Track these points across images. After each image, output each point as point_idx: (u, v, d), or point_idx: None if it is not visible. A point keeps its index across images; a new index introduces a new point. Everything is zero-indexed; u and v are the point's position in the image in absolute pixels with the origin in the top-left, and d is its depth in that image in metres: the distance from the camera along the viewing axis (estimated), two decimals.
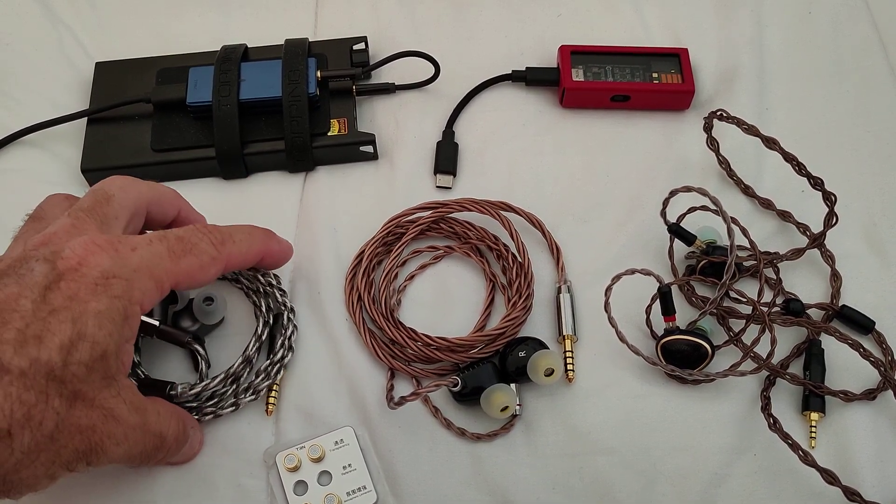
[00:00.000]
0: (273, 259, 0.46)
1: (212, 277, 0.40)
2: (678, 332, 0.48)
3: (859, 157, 0.59)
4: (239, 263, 0.42)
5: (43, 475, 0.34)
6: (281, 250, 0.46)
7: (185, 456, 0.44)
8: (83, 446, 0.34)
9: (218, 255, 0.40)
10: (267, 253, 0.45)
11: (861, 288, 0.53)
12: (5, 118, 0.59)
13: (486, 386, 0.47)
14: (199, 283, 0.40)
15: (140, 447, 0.38)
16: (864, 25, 0.64)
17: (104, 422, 0.35)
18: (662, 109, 0.61)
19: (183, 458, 0.44)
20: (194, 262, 0.39)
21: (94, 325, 0.34)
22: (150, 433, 0.38)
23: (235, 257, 0.41)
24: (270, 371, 0.49)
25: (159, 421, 0.39)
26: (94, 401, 0.34)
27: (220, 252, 0.40)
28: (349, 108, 0.59)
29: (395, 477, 0.48)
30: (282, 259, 0.47)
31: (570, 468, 0.48)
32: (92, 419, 0.34)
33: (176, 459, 0.43)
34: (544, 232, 0.55)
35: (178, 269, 0.38)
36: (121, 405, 0.36)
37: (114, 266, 0.35)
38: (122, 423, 0.36)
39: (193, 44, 0.62)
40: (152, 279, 0.37)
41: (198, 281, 0.40)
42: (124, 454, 0.37)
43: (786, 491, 0.47)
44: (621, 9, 0.66)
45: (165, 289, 0.38)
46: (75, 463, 0.35)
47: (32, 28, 0.64)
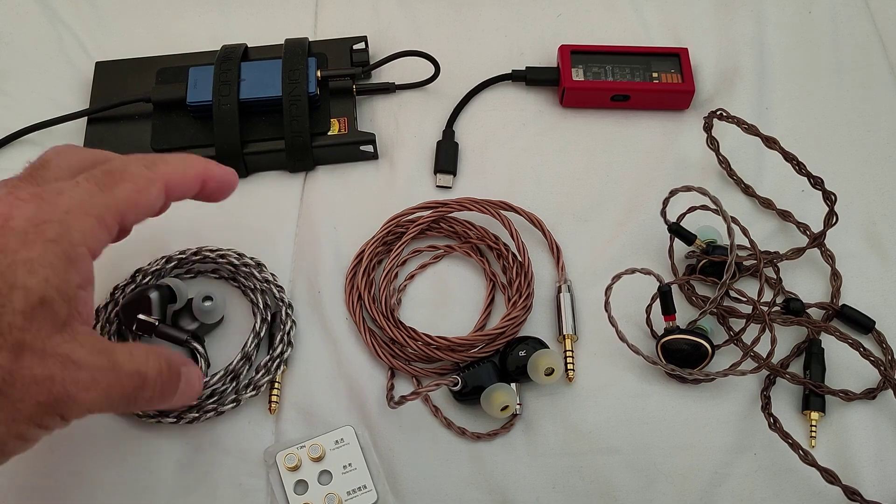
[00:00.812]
0: (216, 183, 0.42)
1: (155, 202, 0.38)
2: (678, 331, 0.48)
3: (859, 157, 0.59)
4: (180, 186, 0.40)
5: (8, 435, 0.33)
6: (223, 173, 0.42)
7: (187, 396, 0.40)
8: (45, 398, 0.33)
9: (152, 175, 0.38)
10: (208, 176, 0.41)
11: (861, 287, 0.53)
12: (5, 118, 0.59)
13: (486, 385, 0.47)
14: (144, 210, 0.38)
15: (118, 390, 0.35)
16: (864, 25, 0.65)
17: (63, 369, 0.33)
18: (662, 109, 0.61)
19: (185, 399, 0.40)
20: (129, 187, 0.37)
21: (25, 272, 0.32)
22: (125, 374, 0.36)
23: (173, 177, 0.39)
24: (270, 366, 0.49)
25: (133, 360, 0.36)
26: (45, 349, 0.33)
27: (154, 172, 0.38)
28: (349, 107, 0.59)
29: (396, 476, 0.48)
30: (226, 184, 0.43)
31: (570, 467, 0.48)
32: (47, 368, 0.33)
33: (177, 401, 0.40)
34: (544, 231, 0.55)
35: (115, 200, 0.36)
36: (78, 349, 0.34)
37: (41, 212, 0.34)
38: (84, 368, 0.34)
39: (193, 43, 0.62)
40: (90, 216, 0.35)
41: (142, 207, 0.37)
42: (100, 399, 0.35)
43: (786, 490, 0.47)
44: (621, 9, 0.66)
45: (110, 224, 0.36)
46: (44, 417, 0.33)
47: (32, 27, 0.64)
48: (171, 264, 0.52)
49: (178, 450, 0.48)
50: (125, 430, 0.48)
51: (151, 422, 0.48)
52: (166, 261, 0.52)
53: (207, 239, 0.54)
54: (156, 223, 0.55)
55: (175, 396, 0.39)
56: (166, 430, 0.48)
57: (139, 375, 0.36)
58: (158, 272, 0.52)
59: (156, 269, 0.52)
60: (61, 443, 0.48)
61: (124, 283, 0.52)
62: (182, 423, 0.48)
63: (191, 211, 0.56)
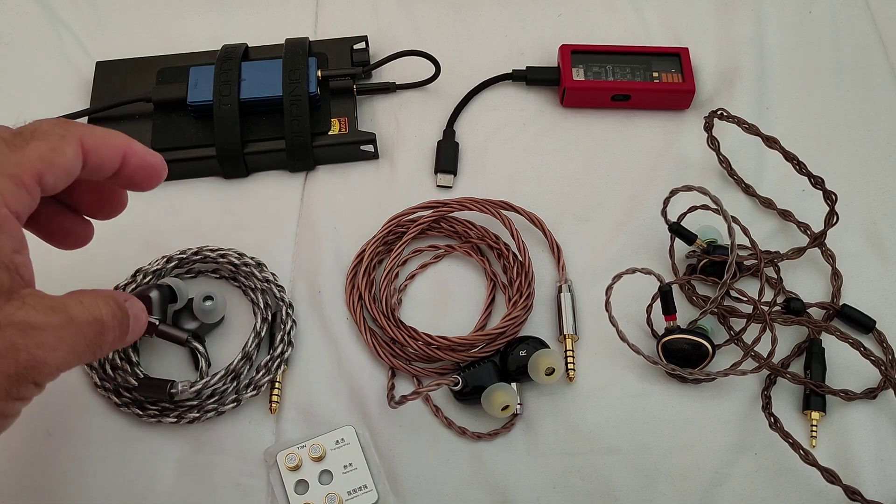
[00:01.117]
0: (139, 160, 0.39)
1: (72, 161, 0.36)
2: (679, 331, 0.48)
3: (859, 157, 0.59)
4: (98, 150, 0.37)
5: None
6: (147, 152, 0.40)
7: (137, 330, 0.40)
8: (13, 369, 0.32)
9: (66, 132, 0.36)
10: (129, 150, 0.39)
11: (862, 287, 0.53)
12: (5, 118, 0.59)
13: (486, 385, 0.47)
14: (63, 170, 0.36)
15: (82, 341, 0.35)
16: (864, 25, 0.65)
17: (24, 335, 0.32)
18: (663, 109, 0.61)
19: (137, 334, 0.40)
20: (42, 145, 0.35)
21: None
22: (84, 322, 0.35)
23: (90, 139, 0.37)
24: (271, 366, 0.49)
25: (86, 308, 0.35)
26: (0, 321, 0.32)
27: (68, 130, 0.36)
28: (350, 107, 0.59)
29: (396, 476, 0.48)
30: (151, 166, 0.40)
31: (570, 467, 0.48)
32: (7, 339, 0.32)
33: (131, 337, 0.39)
34: (545, 231, 0.55)
35: (29, 157, 0.34)
36: (33, 313, 0.33)
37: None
38: (45, 329, 0.33)
39: (194, 43, 0.62)
40: (3, 176, 0.33)
41: (59, 166, 0.35)
42: (68, 355, 0.34)
43: (786, 490, 0.47)
44: (621, 8, 0.66)
45: (28, 184, 0.34)
46: (18, 388, 0.32)
47: (32, 28, 0.64)
48: (171, 264, 0.52)
49: (178, 450, 0.48)
50: (125, 430, 0.48)
51: (152, 421, 0.48)
52: (167, 260, 0.52)
53: (208, 238, 0.54)
54: (156, 223, 0.55)
55: (129, 334, 0.39)
56: (166, 430, 0.48)
57: (97, 322, 0.36)
58: (159, 272, 0.52)
59: (156, 268, 0.52)
60: (61, 443, 0.48)
61: (125, 283, 0.52)
62: (182, 422, 0.48)
63: (191, 210, 0.56)
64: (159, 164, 0.41)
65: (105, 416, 0.49)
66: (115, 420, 0.49)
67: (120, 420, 0.49)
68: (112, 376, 0.48)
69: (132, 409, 0.48)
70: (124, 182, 0.40)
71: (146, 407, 0.48)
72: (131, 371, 0.49)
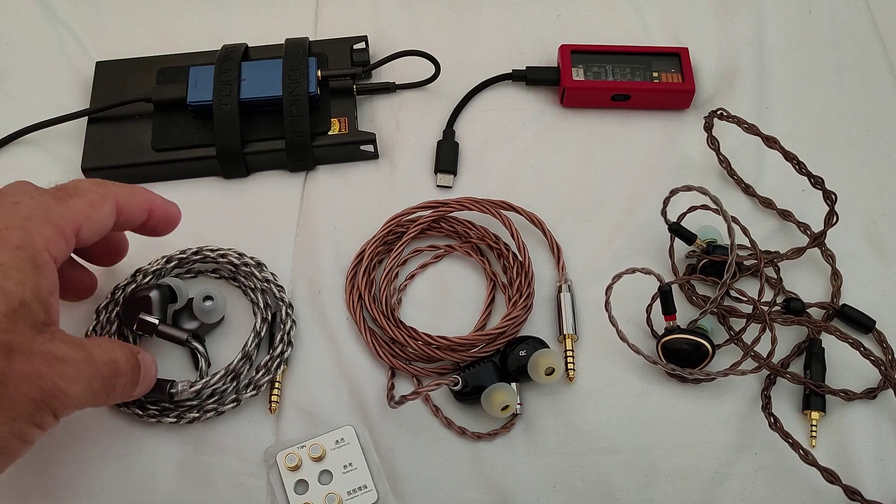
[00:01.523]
0: (162, 213, 0.45)
1: (108, 218, 0.41)
2: (679, 331, 0.48)
3: (859, 157, 0.59)
4: (129, 208, 0.42)
5: (9, 435, 0.34)
6: (167, 203, 0.46)
7: (147, 382, 0.43)
8: (38, 394, 0.34)
9: (104, 192, 0.41)
10: (154, 205, 0.44)
11: (861, 287, 0.53)
12: (5, 118, 0.59)
13: (486, 385, 0.47)
14: (99, 225, 0.40)
15: (98, 379, 0.38)
16: (864, 25, 0.65)
17: (49, 365, 0.35)
18: (663, 109, 0.61)
19: (147, 385, 0.43)
20: (83, 201, 0.39)
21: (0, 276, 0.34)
22: (101, 363, 0.38)
23: (123, 198, 0.42)
24: (270, 366, 0.49)
25: (104, 350, 0.39)
26: (32, 349, 0.35)
27: (105, 191, 0.41)
28: (349, 107, 0.59)
29: (396, 476, 0.48)
30: (170, 216, 0.46)
31: (570, 467, 0.48)
32: (35, 366, 0.34)
33: (141, 389, 0.43)
34: (545, 231, 0.55)
35: (70, 211, 0.39)
36: (60, 346, 0.36)
37: (1, 219, 0.36)
38: (68, 362, 0.36)
39: (194, 43, 0.62)
40: (48, 224, 0.37)
41: (96, 222, 0.40)
42: (85, 391, 0.37)
43: (786, 490, 0.47)
44: (621, 8, 0.66)
45: (68, 234, 0.38)
46: (39, 415, 0.35)
47: (32, 28, 0.64)
48: (171, 264, 0.52)
49: (178, 450, 0.48)
50: (125, 430, 0.48)
51: (152, 422, 0.48)
52: (167, 260, 0.52)
53: (208, 238, 0.54)
54: None
55: (139, 385, 0.42)
56: (166, 430, 0.48)
57: (113, 363, 0.39)
58: (159, 272, 0.52)
59: (156, 268, 0.52)
60: (62, 443, 0.48)
61: (125, 283, 0.52)
62: (182, 422, 0.48)
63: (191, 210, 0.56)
64: (177, 212, 0.47)
65: (105, 415, 0.49)
66: (115, 420, 0.49)
67: (120, 420, 0.49)
68: None
69: (132, 409, 0.48)
70: (146, 231, 0.45)
71: (146, 407, 0.48)
72: None
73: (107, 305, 0.51)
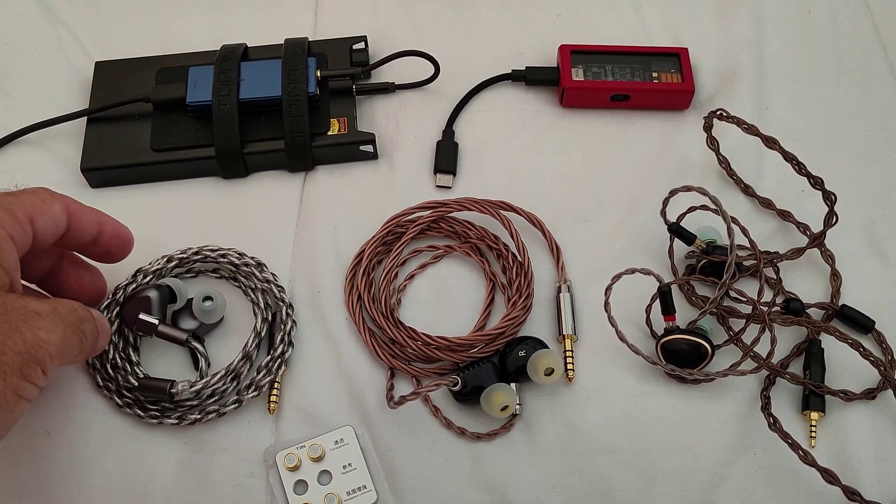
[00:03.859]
0: (114, 230, 0.47)
1: (59, 216, 0.43)
2: (678, 331, 0.48)
3: (859, 157, 0.59)
4: (79, 215, 0.44)
5: (4, 389, 0.35)
6: (118, 223, 0.47)
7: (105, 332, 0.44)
8: (21, 347, 0.36)
9: (52, 194, 0.43)
10: (105, 219, 0.46)
11: (861, 287, 0.53)
12: (5, 118, 0.59)
13: (486, 385, 0.47)
14: (51, 219, 0.42)
15: (70, 327, 0.39)
16: (864, 25, 0.65)
17: (25, 319, 0.37)
18: (662, 109, 0.61)
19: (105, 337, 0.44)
20: (34, 197, 0.42)
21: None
22: (65, 312, 0.40)
23: (72, 204, 0.44)
24: (271, 367, 0.49)
25: (61, 302, 0.40)
26: (6, 306, 0.37)
27: (54, 194, 0.43)
28: (349, 107, 0.59)
29: (395, 476, 0.48)
30: (123, 235, 0.48)
31: (569, 467, 0.48)
32: (13, 321, 0.36)
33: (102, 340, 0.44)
34: (544, 231, 0.55)
35: (22, 201, 0.41)
36: (30, 301, 0.38)
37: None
38: (41, 314, 0.38)
39: (193, 43, 0.62)
40: (2, 208, 0.40)
41: (48, 215, 0.42)
42: (62, 339, 0.38)
43: (786, 490, 0.47)
44: (621, 9, 0.66)
45: (22, 219, 0.40)
46: (27, 367, 0.36)
47: (32, 28, 0.64)
48: (171, 263, 0.52)
49: (177, 450, 0.48)
50: (125, 431, 0.48)
51: (153, 422, 0.48)
52: (167, 260, 0.52)
53: (208, 238, 0.54)
54: (156, 223, 0.55)
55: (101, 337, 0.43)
56: (165, 430, 0.48)
57: (74, 310, 0.40)
58: (159, 271, 0.52)
59: (157, 268, 0.52)
60: (62, 443, 0.48)
61: (125, 283, 0.52)
62: (183, 424, 0.48)
63: (191, 210, 0.56)
64: (129, 234, 0.48)
65: (105, 416, 0.49)
66: (115, 420, 0.49)
67: (120, 420, 0.49)
68: (113, 376, 0.48)
69: (133, 411, 0.48)
70: (100, 251, 0.47)
71: (147, 408, 0.48)
72: (131, 371, 0.49)
73: (108, 305, 0.51)
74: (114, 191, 0.57)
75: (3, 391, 0.35)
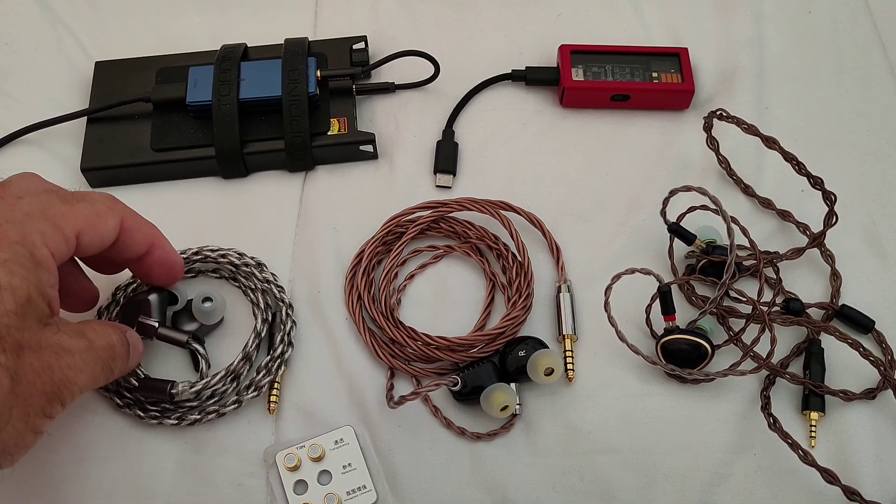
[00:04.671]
0: (164, 255, 0.45)
1: (111, 231, 0.40)
2: (678, 331, 0.48)
3: (859, 157, 0.59)
4: (133, 231, 0.42)
5: (25, 430, 0.35)
6: (171, 249, 0.45)
7: (136, 359, 0.44)
8: (49, 387, 0.35)
9: (112, 205, 0.41)
10: (158, 242, 0.44)
11: (861, 287, 0.53)
12: (5, 118, 0.59)
13: (485, 385, 0.47)
14: (100, 236, 0.40)
15: (100, 364, 0.39)
16: (864, 25, 0.65)
17: (58, 357, 0.36)
18: (662, 109, 0.61)
19: (136, 361, 0.44)
20: (89, 209, 0.39)
21: (5, 274, 0.34)
22: (100, 347, 0.39)
23: (130, 219, 0.42)
24: (271, 367, 0.49)
25: (100, 335, 0.40)
26: (40, 343, 0.35)
27: (114, 205, 0.41)
28: (349, 107, 0.59)
29: (395, 476, 0.48)
30: (172, 263, 0.46)
31: (569, 467, 0.48)
32: (45, 360, 0.35)
33: (131, 364, 0.43)
34: (544, 231, 0.55)
35: (74, 214, 0.38)
36: (65, 338, 0.37)
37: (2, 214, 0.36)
38: (74, 352, 0.37)
39: (193, 43, 0.62)
40: (48, 222, 0.37)
41: (98, 231, 0.39)
42: (90, 377, 0.38)
43: (786, 490, 0.47)
44: (621, 8, 0.66)
45: (68, 235, 0.38)
46: (50, 406, 0.36)
47: (32, 28, 0.64)
48: None
49: (177, 450, 0.48)
50: (126, 431, 0.48)
51: (153, 423, 0.48)
52: None
53: (207, 238, 0.54)
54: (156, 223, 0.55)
55: (130, 361, 0.42)
56: (166, 430, 0.48)
57: (110, 347, 0.40)
58: None
59: None
60: (62, 444, 0.48)
61: (126, 284, 0.52)
62: (183, 424, 0.48)
63: (191, 210, 0.56)
64: (180, 263, 0.46)
65: (106, 416, 0.49)
66: (115, 420, 0.49)
67: (120, 420, 0.49)
68: None
69: (134, 411, 0.48)
70: (143, 271, 0.45)
71: (147, 408, 0.48)
72: (132, 372, 0.49)
73: (108, 306, 0.51)
74: (114, 191, 0.56)
75: (24, 431, 0.35)
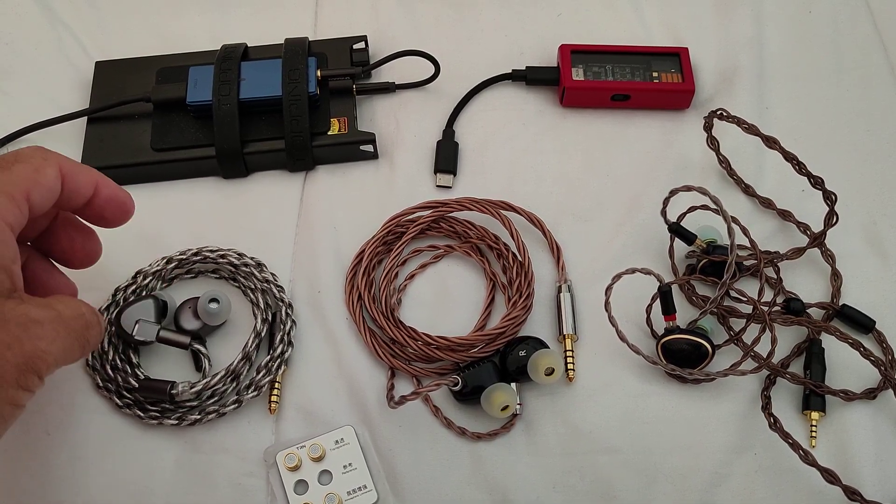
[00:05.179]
0: (109, 192, 0.43)
1: (54, 182, 0.40)
2: (679, 331, 0.48)
3: (859, 157, 0.59)
4: (74, 176, 0.41)
5: (3, 402, 0.35)
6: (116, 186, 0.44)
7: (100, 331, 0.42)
8: (20, 359, 0.35)
9: (46, 156, 0.40)
10: (102, 182, 0.43)
11: (861, 287, 0.53)
12: (5, 118, 0.59)
13: (486, 385, 0.47)
14: (47, 188, 0.39)
15: (73, 335, 0.38)
16: (864, 25, 0.65)
17: (25, 329, 0.36)
18: (662, 109, 0.61)
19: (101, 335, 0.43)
20: (27, 167, 0.39)
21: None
22: (70, 318, 0.38)
23: (67, 165, 0.41)
24: (271, 366, 0.49)
25: (68, 306, 0.39)
26: (5, 315, 0.35)
27: (48, 155, 0.40)
28: (349, 107, 0.59)
29: (396, 476, 0.48)
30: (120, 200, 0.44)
31: (570, 467, 0.48)
32: (12, 331, 0.35)
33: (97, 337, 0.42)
34: (545, 231, 0.55)
35: (15, 177, 0.38)
36: (31, 308, 0.36)
37: None
38: (43, 323, 0.36)
39: (193, 43, 0.62)
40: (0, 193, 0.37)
41: (44, 185, 0.39)
42: (63, 348, 0.37)
43: (786, 490, 0.47)
44: (621, 8, 0.66)
45: (19, 200, 0.38)
46: (24, 378, 0.35)
47: (32, 28, 0.64)
48: (171, 264, 0.52)
49: (177, 450, 0.48)
50: (125, 431, 0.48)
51: (153, 423, 0.48)
52: (167, 261, 0.52)
53: (208, 238, 0.54)
54: (156, 223, 0.55)
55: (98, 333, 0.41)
56: (166, 430, 0.48)
57: (80, 316, 0.39)
58: (159, 272, 0.52)
59: (157, 269, 0.52)
60: (62, 443, 0.48)
61: (125, 284, 0.52)
62: (183, 424, 0.48)
63: (191, 210, 0.56)
64: (128, 199, 0.45)
65: (105, 416, 0.49)
66: (115, 420, 0.49)
67: (120, 421, 0.49)
68: (113, 377, 0.48)
69: (133, 411, 0.48)
70: (95, 214, 0.44)
71: (147, 408, 0.48)
72: (131, 372, 0.49)
73: (108, 307, 0.51)
74: None
75: (1, 404, 0.35)
